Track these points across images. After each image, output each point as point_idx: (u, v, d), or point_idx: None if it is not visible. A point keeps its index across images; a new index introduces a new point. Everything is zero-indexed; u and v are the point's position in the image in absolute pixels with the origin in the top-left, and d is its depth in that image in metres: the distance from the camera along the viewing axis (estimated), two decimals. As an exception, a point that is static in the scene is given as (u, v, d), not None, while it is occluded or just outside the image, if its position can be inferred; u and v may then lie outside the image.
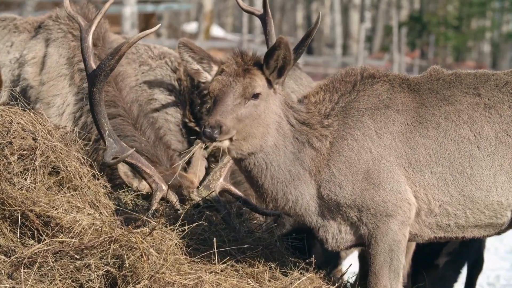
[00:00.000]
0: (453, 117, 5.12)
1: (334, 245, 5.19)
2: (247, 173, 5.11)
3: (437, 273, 7.04)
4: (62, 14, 6.86)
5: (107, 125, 5.57)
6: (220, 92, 4.96)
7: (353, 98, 5.16)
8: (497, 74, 5.26)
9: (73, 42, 6.74)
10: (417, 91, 5.19)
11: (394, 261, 5.09)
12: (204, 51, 5.06)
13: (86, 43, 5.64)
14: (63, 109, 6.62)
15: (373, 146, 5.07)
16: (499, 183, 5.08)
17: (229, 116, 4.88)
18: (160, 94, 6.94)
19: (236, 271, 5.34)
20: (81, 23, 5.67)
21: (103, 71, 5.48)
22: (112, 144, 5.56)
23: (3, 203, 5.17)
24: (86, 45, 5.63)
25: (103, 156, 5.56)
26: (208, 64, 5.07)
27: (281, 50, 4.95)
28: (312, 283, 5.28)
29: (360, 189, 5.05)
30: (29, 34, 6.99)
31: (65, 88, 6.65)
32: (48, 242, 5.11)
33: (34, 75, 6.78)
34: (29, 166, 5.30)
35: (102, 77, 5.49)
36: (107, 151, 5.54)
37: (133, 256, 5.02)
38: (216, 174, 5.97)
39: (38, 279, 5.00)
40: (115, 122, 6.30)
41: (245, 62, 5.01)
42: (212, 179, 5.99)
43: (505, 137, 5.10)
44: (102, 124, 5.57)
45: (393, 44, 35.02)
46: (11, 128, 5.39)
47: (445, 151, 5.09)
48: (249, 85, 4.96)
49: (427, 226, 5.16)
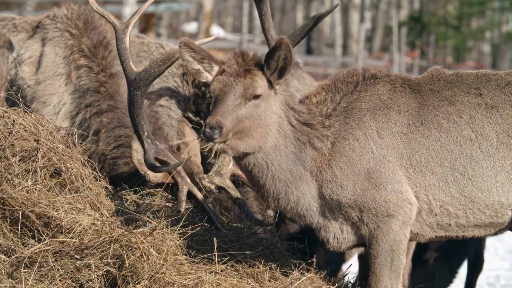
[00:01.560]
0: (454, 117, 5.12)
1: (336, 246, 5.19)
2: (248, 173, 5.11)
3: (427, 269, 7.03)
4: (60, 13, 6.85)
5: (146, 127, 5.52)
6: (221, 92, 4.95)
7: (355, 99, 5.15)
8: (498, 74, 5.25)
9: (69, 40, 6.72)
10: (419, 91, 5.19)
11: (395, 261, 5.08)
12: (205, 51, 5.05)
13: (123, 44, 5.53)
14: (59, 108, 6.61)
15: (374, 147, 5.07)
16: (500, 184, 5.07)
17: (229, 116, 4.87)
18: (166, 90, 6.96)
19: (236, 271, 5.34)
20: (116, 23, 5.58)
21: (151, 75, 5.40)
22: (151, 146, 5.52)
23: (3, 203, 5.17)
24: (123, 46, 5.52)
25: (145, 159, 5.53)
26: (209, 64, 5.05)
27: (282, 50, 4.93)
28: (312, 283, 5.28)
29: (362, 189, 5.04)
30: (27, 34, 6.99)
31: (62, 87, 6.65)
32: (48, 242, 5.11)
33: (31, 75, 6.79)
34: (30, 167, 5.30)
35: (148, 81, 5.41)
36: (147, 153, 5.50)
37: (133, 256, 5.02)
38: (225, 160, 5.95)
39: (38, 279, 5.00)
40: (115, 114, 6.31)
41: (246, 62, 5.00)
42: (222, 165, 5.97)
43: (506, 138, 5.09)
44: (142, 126, 5.50)
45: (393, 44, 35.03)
46: (13, 129, 5.39)
47: (446, 152, 5.08)
48: (250, 86, 4.95)
49: (428, 225, 5.16)
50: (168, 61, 5.36)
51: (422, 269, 7.03)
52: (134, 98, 5.44)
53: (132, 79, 5.43)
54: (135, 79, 5.42)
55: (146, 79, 5.41)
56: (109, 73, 6.52)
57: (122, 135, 6.28)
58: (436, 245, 7.07)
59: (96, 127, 6.36)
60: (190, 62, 5.08)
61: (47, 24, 6.87)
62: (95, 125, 6.36)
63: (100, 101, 6.42)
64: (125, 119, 6.33)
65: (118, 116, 6.35)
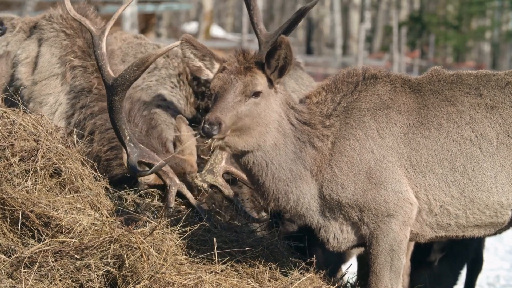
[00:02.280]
0: (454, 118, 5.12)
1: (336, 246, 5.19)
2: (247, 171, 5.11)
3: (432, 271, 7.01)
4: (55, 13, 6.87)
5: (128, 131, 5.52)
6: (221, 89, 4.96)
7: (355, 99, 5.16)
8: (498, 75, 5.26)
9: (65, 41, 6.73)
10: (419, 91, 5.19)
11: (395, 261, 5.08)
12: (207, 48, 5.06)
13: (100, 49, 5.54)
14: (55, 108, 6.62)
15: (375, 146, 5.07)
16: (500, 184, 5.07)
17: (229, 113, 4.88)
18: (164, 90, 6.97)
19: (236, 271, 5.34)
20: (92, 29, 5.58)
21: (127, 80, 5.40)
22: (133, 149, 5.53)
23: (4, 203, 5.17)
24: (100, 52, 5.53)
25: (128, 162, 5.54)
26: (210, 61, 5.06)
27: (282, 50, 4.94)
28: (312, 283, 5.28)
29: (362, 189, 5.04)
30: (24, 34, 7.01)
31: (58, 87, 6.65)
32: (48, 242, 5.11)
33: (27, 75, 6.79)
34: (30, 167, 5.30)
35: (125, 86, 5.41)
36: (130, 157, 5.52)
37: (133, 256, 5.02)
38: (218, 157, 5.95)
39: (38, 279, 5.00)
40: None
41: (246, 60, 5.01)
42: (214, 163, 5.97)
43: (506, 138, 5.09)
44: (123, 131, 5.52)
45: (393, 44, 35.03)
46: (12, 129, 5.39)
47: (446, 152, 5.08)
48: (250, 83, 4.95)
49: (428, 225, 5.16)
50: (142, 65, 5.36)
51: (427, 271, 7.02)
52: (112, 103, 5.46)
53: (109, 85, 5.45)
54: (112, 85, 5.44)
55: (122, 84, 5.41)
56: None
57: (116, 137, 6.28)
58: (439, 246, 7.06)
59: (91, 129, 6.37)
60: (192, 59, 5.09)
61: (44, 24, 6.88)
62: (90, 127, 6.37)
63: (94, 102, 6.44)
64: None
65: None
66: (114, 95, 5.44)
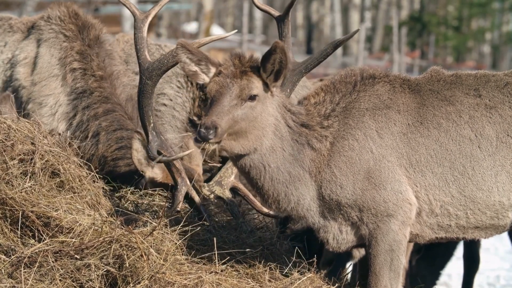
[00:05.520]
0: (454, 117, 5.13)
1: (335, 246, 5.19)
2: (245, 174, 5.11)
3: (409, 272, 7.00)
4: (54, 14, 6.87)
5: (153, 118, 5.53)
6: (217, 93, 4.96)
7: (354, 99, 5.16)
8: (497, 75, 5.26)
9: (64, 42, 6.74)
10: (418, 91, 5.19)
11: (394, 261, 5.09)
12: (202, 53, 5.06)
13: (141, 33, 5.55)
14: (55, 109, 6.62)
15: (374, 146, 5.07)
16: (500, 183, 5.08)
17: (225, 117, 4.88)
18: (170, 89, 6.96)
19: (236, 271, 5.35)
20: (136, 12, 5.60)
21: (164, 65, 5.42)
22: (155, 138, 5.54)
23: (3, 203, 5.18)
24: (141, 35, 5.55)
25: (148, 150, 5.55)
26: (206, 65, 5.06)
27: (277, 54, 4.95)
28: (312, 283, 5.28)
29: (361, 189, 5.05)
30: (22, 34, 7.01)
31: (58, 88, 6.66)
32: (49, 242, 5.11)
33: (26, 76, 6.79)
34: (28, 168, 5.31)
35: (161, 71, 5.43)
36: (151, 144, 5.53)
37: (133, 256, 5.02)
38: (228, 171, 5.96)
39: (38, 279, 5.01)
40: (114, 116, 6.31)
41: (242, 64, 5.02)
42: (224, 176, 5.97)
43: (506, 138, 5.10)
44: (149, 117, 5.52)
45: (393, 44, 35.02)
46: (10, 133, 5.41)
47: (446, 152, 5.09)
48: (246, 87, 4.96)
49: (428, 226, 5.16)
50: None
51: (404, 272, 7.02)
52: (144, 87, 5.46)
53: (145, 68, 5.46)
54: (147, 68, 5.45)
55: (159, 68, 5.44)
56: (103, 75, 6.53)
57: (124, 137, 6.29)
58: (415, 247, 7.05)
59: (95, 130, 6.37)
60: (187, 63, 5.09)
61: (42, 25, 6.89)
62: (94, 128, 6.37)
63: (97, 103, 6.44)
64: (125, 121, 6.34)
65: (117, 118, 6.35)
66: (148, 79, 5.44)
